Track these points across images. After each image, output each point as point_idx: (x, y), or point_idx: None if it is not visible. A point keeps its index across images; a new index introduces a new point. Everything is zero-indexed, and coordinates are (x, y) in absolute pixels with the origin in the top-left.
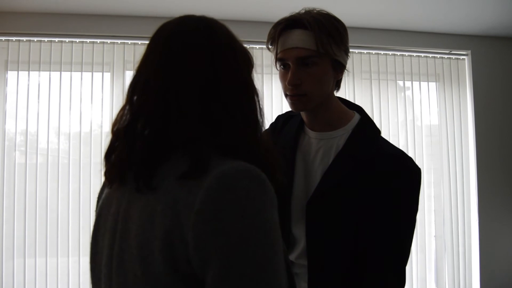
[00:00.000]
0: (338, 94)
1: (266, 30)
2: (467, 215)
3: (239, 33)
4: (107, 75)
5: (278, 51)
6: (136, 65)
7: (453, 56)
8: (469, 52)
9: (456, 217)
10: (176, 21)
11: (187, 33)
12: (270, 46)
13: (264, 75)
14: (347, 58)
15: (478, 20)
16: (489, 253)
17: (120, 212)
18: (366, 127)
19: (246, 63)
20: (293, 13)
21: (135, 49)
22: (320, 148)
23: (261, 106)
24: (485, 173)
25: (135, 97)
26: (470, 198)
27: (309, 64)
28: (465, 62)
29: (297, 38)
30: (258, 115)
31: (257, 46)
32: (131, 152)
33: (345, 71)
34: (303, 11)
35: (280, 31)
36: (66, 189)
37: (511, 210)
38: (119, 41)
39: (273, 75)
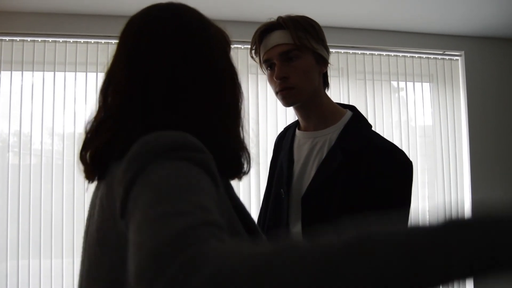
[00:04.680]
0: (332, 95)
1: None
2: (460, 215)
3: (233, 34)
4: (101, 76)
5: (262, 54)
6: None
7: (447, 57)
8: (462, 52)
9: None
10: (142, 13)
11: (154, 25)
12: (254, 55)
13: (258, 75)
14: (328, 54)
15: (472, 21)
16: None
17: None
18: (358, 122)
19: (219, 45)
20: (269, 19)
21: None
22: (315, 145)
23: (238, 89)
24: (478, 173)
25: (108, 98)
26: (464, 198)
27: (292, 58)
28: (459, 62)
29: (277, 37)
30: (238, 99)
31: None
32: (101, 147)
33: (329, 65)
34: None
35: (260, 36)
36: (60, 190)
37: None
38: (113, 41)
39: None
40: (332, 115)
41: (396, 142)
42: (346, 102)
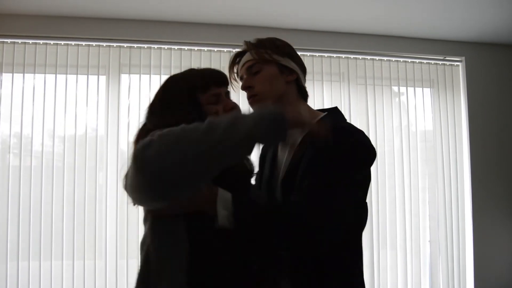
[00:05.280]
0: (333, 100)
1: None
2: (461, 220)
3: (230, 37)
4: (103, 78)
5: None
6: None
7: (448, 63)
8: (463, 58)
9: (451, 222)
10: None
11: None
12: (236, 78)
13: None
14: (299, 66)
15: (473, 26)
16: (483, 258)
17: None
18: (331, 116)
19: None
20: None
21: (131, 53)
22: (295, 141)
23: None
24: (479, 178)
25: None
26: (464, 203)
27: (256, 72)
28: (459, 68)
29: (245, 57)
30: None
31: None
32: None
33: (297, 76)
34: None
35: (233, 61)
36: (61, 192)
37: (505, 215)
38: (115, 44)
39: None
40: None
41: (396, 146)
42: (347, 107)
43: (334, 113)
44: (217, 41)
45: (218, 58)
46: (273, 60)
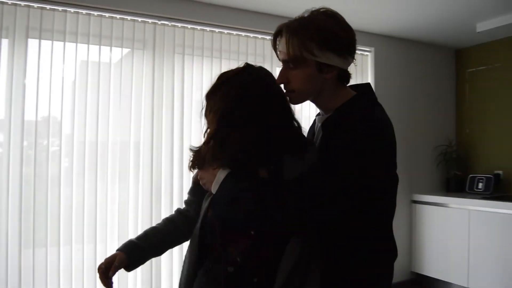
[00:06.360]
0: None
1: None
2: None
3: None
4: (5, 42)
5: None
6: None
7: (359, 52)
8: (372, 49)
9: None
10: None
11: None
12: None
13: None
14: (342, 58)
15: (384, 20)
16: None
17: None
18: (355, 100)
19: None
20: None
21: (42, 15)
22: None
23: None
24: None
25: None
26: None
27: (292, 66)
28: (368, 58)
29: (282, 43)
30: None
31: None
32: None
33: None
34: (307, 12)
35: (274, 40)
36: None
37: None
38: (22, 3)
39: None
40: (339, 101)
41: None
42: None
43: (360, 95)
44: (140, 10)
45: (141, 30)
46: (310, 57)
